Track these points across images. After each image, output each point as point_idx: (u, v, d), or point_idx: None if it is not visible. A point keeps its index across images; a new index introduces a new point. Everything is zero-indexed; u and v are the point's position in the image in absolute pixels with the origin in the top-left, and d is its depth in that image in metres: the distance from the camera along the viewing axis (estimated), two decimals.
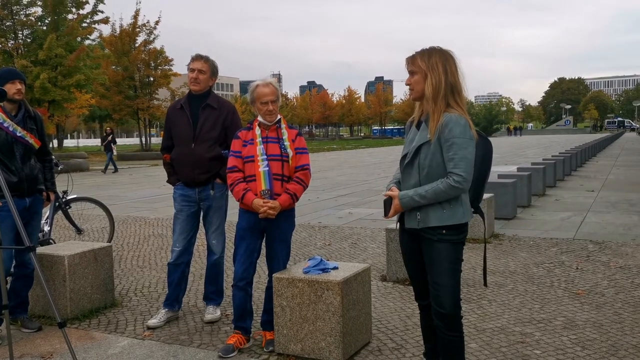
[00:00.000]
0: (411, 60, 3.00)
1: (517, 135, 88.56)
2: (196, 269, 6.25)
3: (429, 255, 3.01)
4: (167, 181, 4.82)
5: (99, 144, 28.17)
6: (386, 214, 3.09)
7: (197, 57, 4.62)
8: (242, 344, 4.05)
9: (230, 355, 3.94)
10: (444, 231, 2.95)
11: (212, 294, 4.81)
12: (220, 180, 4.65)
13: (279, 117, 4.06)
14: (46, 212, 6.05)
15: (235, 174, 4.00)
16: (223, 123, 4.61)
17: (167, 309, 4.69)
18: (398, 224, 3.19)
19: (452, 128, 2.87)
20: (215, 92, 4.89)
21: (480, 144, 3.03)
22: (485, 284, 3.42)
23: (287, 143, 3.99)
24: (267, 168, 3.90)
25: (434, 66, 2.93)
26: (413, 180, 3.00)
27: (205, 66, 4.59)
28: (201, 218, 4.77)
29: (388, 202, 3.06)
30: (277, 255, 4.11)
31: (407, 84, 3.04)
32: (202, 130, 4.56)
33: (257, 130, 3.99)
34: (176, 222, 4.73)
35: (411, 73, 3.01)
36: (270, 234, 4.08)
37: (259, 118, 4.02)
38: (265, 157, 3.91)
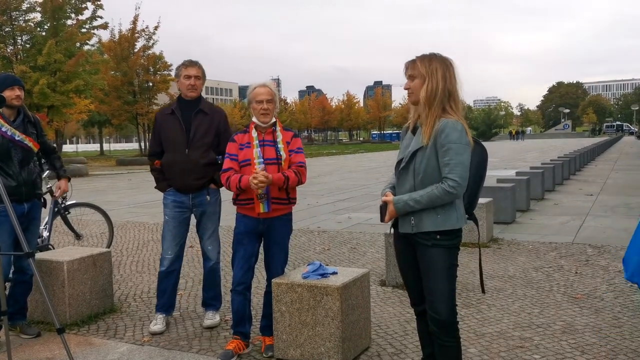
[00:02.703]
0: (411, 65, 3.02)
1: (518, 140, 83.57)
2: (195, 274, 6.25)
3: (423, 260, 3.02)
4: (157, 187, 4.73)
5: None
6: (382, 219, 3.09)
7: (192, 64, 4.60)
8: (241, 350, 4.04)
9: None
10: (438, 236, 2.95)
11: (211, 300, 4.80)
12: (214, 185, 4.65)
13: (274, 120, 4.04)
14: (45, 217, 6.05)
15: (229, 174, 3.96)
16: (217, 129, 4.61)
17: (164, 315, 4.68)
18: (392, 229, 3.19)
19: (448, 133, 2.88)
20: (215, 97, 4.92)
21: (475, 151, 3.03)
22: (483, 291, 3.41)
23: (280, 146, 3.96)
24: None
25: (434, 72, 2.95)
26: (408, 185, 3.00)
27: (200, 72, 4.59)
28: (194, 224, 4.73)
29: (384, 207, 3.08)
30: (275, 259, 4.11)
31: (406, 88, 3.06)
32: (196, 136, 4.53)
33: (254, 133, 3.97)
34: (167, 229, 4.66)
35: (411, 77, 3.02)
36: (268, 238, 4.08)
37: (254, 120, 4.00)
38: (262, 160, 3.89)
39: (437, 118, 2.93)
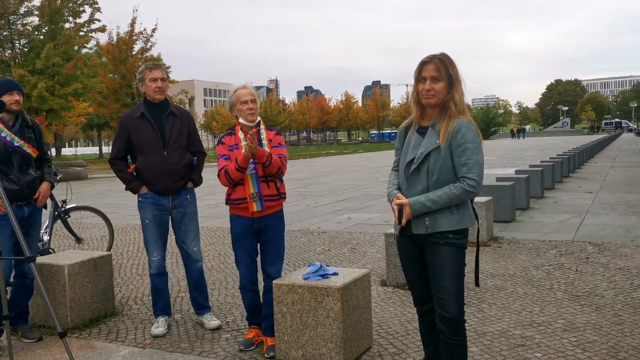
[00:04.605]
0: (436, 67, 2.94)
1: (520, 138, 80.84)
2: None
3: (434, 259, 3.01)
4: (128, 189, 4.66)
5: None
6: (400, 222, 3.04)
7: (156, 66, 4.63)
8: (260, 338, 4.20)
9: (251, 348, 4.11)
10: (450, 235, 2.97)
11: (205, 301, 4.81)
12: (192, 184, 4.69)
13: (259, 119, 4.15)
14: (45, 221, 6.05)
15: (225, 168, 4.02)
16: (188, 130, 4.66)
17: (165, 317, 4.69)
18: (397, 230, 3.14)
19: (464, 133, 2.90)
20: (213, 98, 4.95)
21: None
22: (477, 284, 3.39)
23: (264, 142, 4.09)
24: (254, 171, 3.99)
25: (457, 76, 2.97)
26: (420, 186, 2.99)
27: (164, 74, 4.63)
28: (172, 226, 4.72)
29: (400, 209, 3.02)
30: (272, 256, 4.20)
31: (428, 89, 2.95)
32: (172, 137, 4.56)
33: (240, 135, 4.09)
34: (149, 232, 4.64)
35: (434, 79, 2.94)
36: (264, 236, 4.16)
37: (241, 120, 4.09)
38: (252, 160, 3.96)
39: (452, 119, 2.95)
